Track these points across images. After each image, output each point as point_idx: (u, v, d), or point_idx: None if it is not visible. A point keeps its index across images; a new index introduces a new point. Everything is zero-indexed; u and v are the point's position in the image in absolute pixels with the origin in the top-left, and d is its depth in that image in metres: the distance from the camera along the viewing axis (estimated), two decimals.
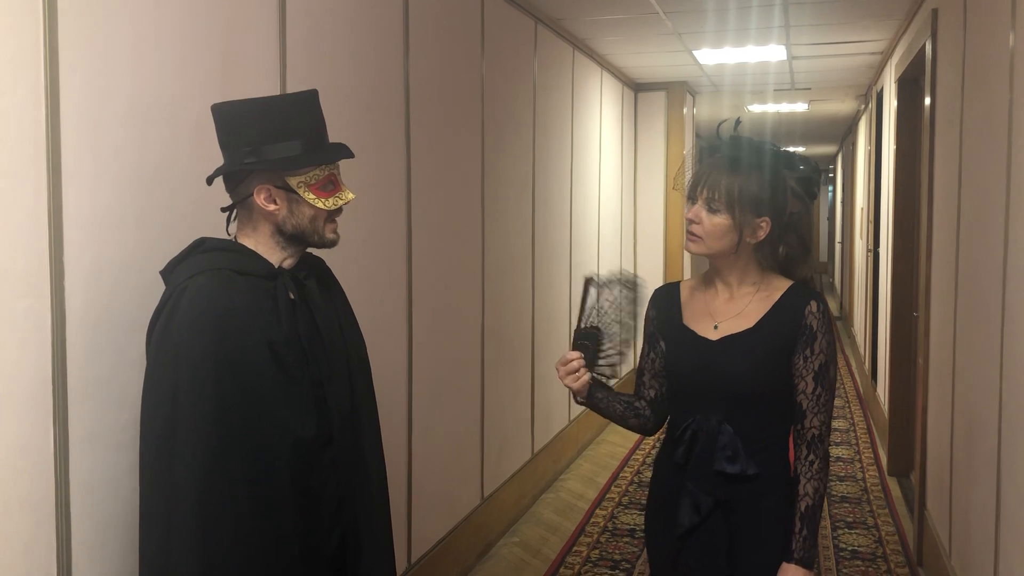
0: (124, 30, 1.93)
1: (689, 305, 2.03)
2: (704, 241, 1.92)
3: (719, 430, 1.90)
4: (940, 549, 3.62)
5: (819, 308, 1.91)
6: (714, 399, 1.92)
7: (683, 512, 1.93)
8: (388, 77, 3.18)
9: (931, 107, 4.03)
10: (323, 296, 1.88)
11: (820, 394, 1.90)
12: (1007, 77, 2.64)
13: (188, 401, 1.63)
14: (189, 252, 1.77)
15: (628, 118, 7.20)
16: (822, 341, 1.90)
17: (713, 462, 1.90)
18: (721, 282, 1.99)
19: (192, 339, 1.64)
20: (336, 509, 1.82)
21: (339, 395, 1.83)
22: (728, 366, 1.91)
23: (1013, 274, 2.55)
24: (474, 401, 4.07)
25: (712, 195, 1.90)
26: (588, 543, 4.29)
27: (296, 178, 1.76)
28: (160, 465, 1.64)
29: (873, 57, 6.29)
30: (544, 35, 4.98)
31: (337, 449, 1.81)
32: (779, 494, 1.92)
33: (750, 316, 1.94)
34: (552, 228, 5.22)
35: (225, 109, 1.79)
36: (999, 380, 2.67)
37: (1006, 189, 2.63)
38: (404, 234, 3.31)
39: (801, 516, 1.88)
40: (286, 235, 1.80)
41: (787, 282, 1.97)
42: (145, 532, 1.67)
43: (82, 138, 1.82)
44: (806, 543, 1.87)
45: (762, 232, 1.92)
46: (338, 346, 1.86)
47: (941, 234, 3.78)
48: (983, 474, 2.89)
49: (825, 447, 1.91)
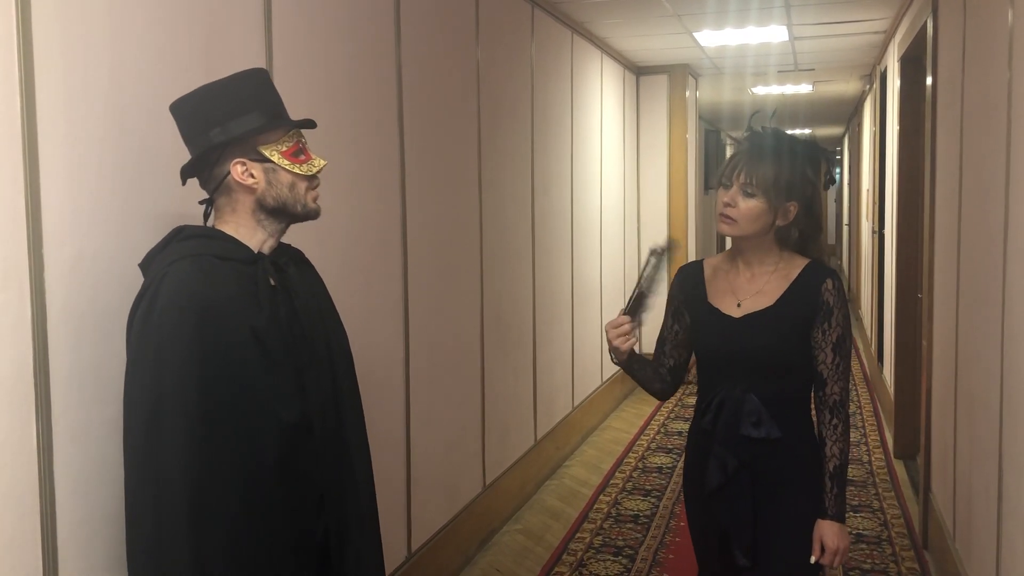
0: (102, 18, 1.90)
1: (713, 283, 2.18)
2: (738, 223, 2.07)
3: (744, 399, 2.07)
4: (945, 532, 3.59)
5: (835, 285, 2.07)
6: (739, 371, 2.09)
7: (711, 472, 2.11)
8: (379, 62, 3.14)
9: (932, 86, 3.98)
10: (302, 282, 1.87)
11: (839, 363, 2.06)
12: (1006, 55, 2.60)
13: (172, 388, 1.61)
14: (168, 241, 1.75)
15: (630, 102, 7.15)
16: (838, 315, 2.05)
17: (739, 427, 2.07)
18: (743, 262, 2.15)
19: (174, 325, 1.62)
20: (321, 498, 1.80)
21: (319, 382, 1.81)
22: (751, 341, 2.07)
23: (1013, 255, 2.52)
24: (474, 388, 4.05)
25: (749, 180, 2.05)
26: (591, 529, 4.28)
27: (268, 147, 1.76)
28: (147, 455, 1.62)
29: (876, 36, 6.22)
30: (541, 18, 4.93)
31: (318, 437, 1.79)
32: (798, 453, 2.09)
33: (770, 294, 2.10)
34: (552, 214, 5.18)
35: (182, 102, 1.79)
36: (1000, 362, 2.64)
37: (1006, 168, 2.59)
38: (399, 220, 3.29)
39: (831, 475, 2.05)
40: (267, 209, 1.78)
41: (804, 261, 2.11)
42: (133, 523, 1.65)
43: (59, 129, 1.79)
44: (837, 500, 2.05)
45: (791, 215, 2.08)
46: (318, 333, 1.85)
47: (943, 215, 3.74)
48: (985, 456, 2.86)
49: (846, 410, 2.08)
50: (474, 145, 4.00)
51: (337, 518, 1.83)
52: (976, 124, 3.05)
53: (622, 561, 3.91)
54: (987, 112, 2.86)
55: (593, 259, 6.11)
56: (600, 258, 6.28)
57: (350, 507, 1.86)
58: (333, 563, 1.83)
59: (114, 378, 1.91)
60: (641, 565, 3.86)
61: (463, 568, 3.83)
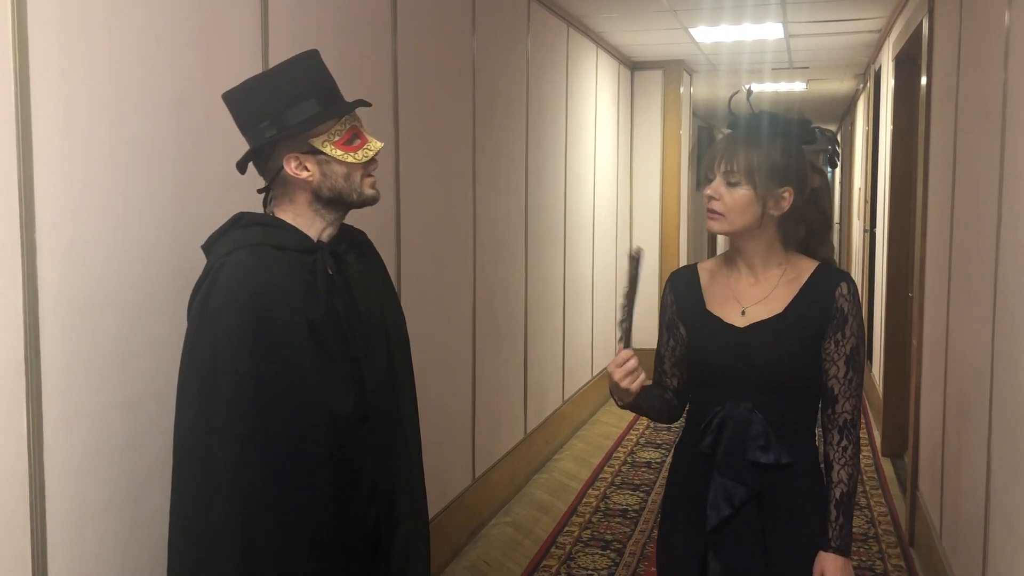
0: (99, 3, 1.88)
1: (711, 289, 1.93)
2: (726, 218, 1.82)
3: (750, 419, 1.83)
4: (931, 530, 3.61)
5: (850, 290, 1.84)
6: (743, 387, 1.84)
7: (715, 505, 1.84)
8: (375, 54, 3.14)
9: (927, 86, 3.99)
10: (362, 271, 1.85)
11: (852, 378, 1.83)
12: (1002, 56, 2.60)
13: (226, 378, 1.62)
14: (229, 227, 1.75)
15: (624, 97, 7.15)
16: (853, 324, 1.83)
17: (745, 452, 1.82)
18: (745, 264, 1.90)
19: (230, 316, 1.62)
20: (372, 487, 1.80)
21: (376, 372, 1.80)
22: (758, 354, 1.83)
23: (1005, 255, 2.53)
24: (465, 380, 4.05)
25: (730, 168, 1.80)
26: (580, 523, 4.29)
27: (319, 138, 1.73)
28: (197, 441, 1.62)
29: (871, 35, 6.23)
30: (537, 12, 4.93)
31: (374, 427, 1.79)
32: (811, 481, 1.86)
33: (778, 301, 1.85)
34: (546, 207, 5.18)
35: (234, 93, 1.76)
36: (990, 361, 2.65)
37: (999, 169, 2.60)
38: (392, 211, 3.28)
39: (836, 503, 1.82)
40: (324, 200, 1.76)
41: (813, 263, 1.89)
42: (178, 511, 1.65)
43: (54, 114, 1.78)
44: (843, 531, 1.81)
45: (785, 203, 1.83)
46: (376, 322, 1.83)
47: (935, 214, 3.76)
48: (973, 456, 2.87)
49: (857, 432, 1.85)
50: (469, 137, 4.00)
51: (388, 508, 1.82)
52: (970, 125, 3.06)
53: (610, 555, 3.92)
54: (982, 113, 2.87)
55: (585, 254, 6.11)
56: (592, 253, 6.29)
57: (402, 498, 1.85)
58: (382, 553, 1.82)
59: (109, 366, 1.90)
60: (629, 559, 3.88)
61: (452, 560, 3.84)
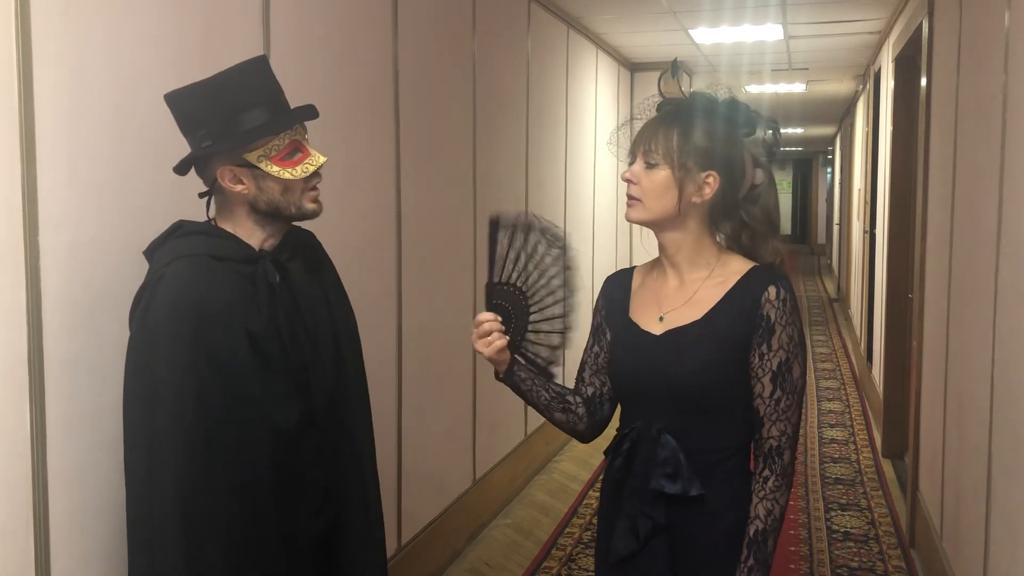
0: (101, 4, 1.89)
1: (638, 294, 1.76)
2: (643, 203, 1.64)
3: (659, 441, 1.63)
4: (932, 531, 3.61)
5: (779, 295, 1.60)
6: (657, 403, 1.65)
7: (619, 536, 1.67)
8: (376, 55, 3.14)
9: (927, 87, 3.99)
10: (308, 277, 1.82)
11: (779, 398, 1.60)
12: (1002, 57, 2.61)
13: (166, 393, 1.60)
14: (167, 236, 1.73)
15: (624, 98, 7.15)
16: (782, 335, 1.59)
17: (649, 479, 1.63)
18: (670, 265, 1.70)
19: (169, 331, 1.60)
20: (321, 493, 1.79)
21: (323, 382, 1.79)
22: (671, 365, 1.63)
23: (1005, 256, 2.53)
24: (466, 382, 4.05)
25: (648, 147, 1.63)
26: (581, 524, 4.29)
27: (255, 152, 1.68)
28: (142, 460, 1.62)
29: (871, 36, 6.24)
30: (538, 13, 4.93)
31: (321, 437, 1.78)
32: (737, 516, 1.63)
33: (700, 305, 1.65)
34: (546, 208, 5.18)
35: (176, 96, 1.73)
36: (991, 362, 2.65)
37: (1000, 170, 2.60)
38: (394, 213, 3.28)
39: (748, 542, 1.60)
40: (261, 212, 1.73)
41: (747, 265, 1.66)
42: (131, 525, 1.65)
43: (57, 115, 1.78)
44: (752, 573, 1.59)
45: (708, 189, 1.63)
46: (324, 329, 1.81)
47: (936, 215, 3.76)
48: (974, 457, 2.87)
49: (784, 461, 1.61)
50: (469, 138, 4.00)
51: (339, 514, 1.82)
52: (971, 125, 3.07)
53: None
54: (982, 114, 2.88)
55: (586, 253, 6.11)
56: (592, 253, 6.29)
57: (354, 502, 1.84)
58: (333, 560, 1.82)
59: (110, 367, 1.90)
60: None
61: (452, 562, 3.84)
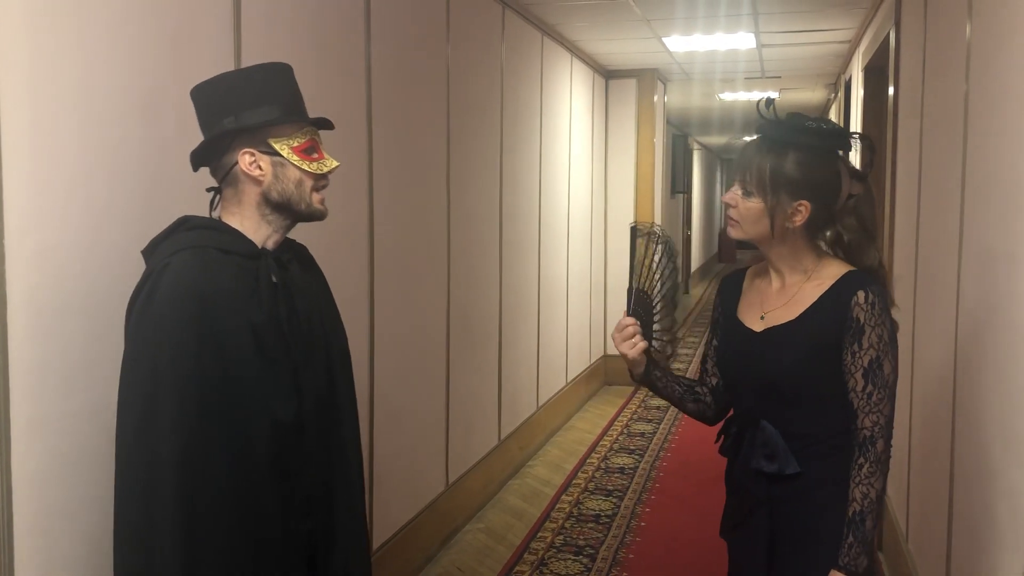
0: (69, 8, 1.89)
1: (746, 294, 1.97)
2: (740, 225, 1.85)
3: (759, 426, 1.84)
4: (898, 533, 3.66)
5: (868, 299, 1.75)
6: (757, 394, 1.86)
7: (728, 508, 1.94)
8: (349, 60, 3.15)
9: (894, 96, 4.05)
10: (304, 280, 1.86)
11: (871, 392, 1.76)
12: (964, 68, 2.66)
13: (169, 380, 1.61)
14: (172, 230, 1.75)
15: (599, 105, 7.20)
16: (871, 335, 1.75)
17: (750, 460, 1.85)
18: (773, 270, 1.90)
19: (173, 317, 1.62)
20: (308, 498, 1.80)
21: (315, 382, 1.81)
22: (766, 360, 1.83)
23: (967, 265, 2.57)
24: (439, 386, 4.06)
25: (745, 177, 1.82)
26: (553, 529, 4.31)
27: (279, 140, 1.75)
28: (138, 446, 1.62)
29: (841, 46, 6.32)
30: (512, 20, 4.96)
31: (311, 437, 1.79)
32: (831, 492, 1.80)
33: (796, 306, 1.83)
34: (520, 214, 5.21)
35: (202, 87, 1.78)
36: (952, 369, 2.70)
37: (961, 178, 2.65)
38: (366, 217, 3.29)
39: (848, 522, 1.76)
40: (272, 203, 1.77)
41: (843, 269, 1.83)
42: (121, 513, 1.65)
43: (23, 120, 1.78)
44: (851, 550, 1.76)
45: (800, 217, 1.80)
46: (317, 332, 1.84)
47: (902, 223, 3.81)
48: (937, 461, 2.92)
49: (878, 450, 1.77)
50: (443, 144, 4.01)
51: (325, 519, 1.82)
52: (935, 134, 3.12)
53: (583, 560, 3.94)
54: (945, 123, 2.92)
55: (560, 260, 6.14)
56: (567, 259, 6.32)
57: (340, 508, 1.85)
58: (319, 564, 1.82)
59: (77, 371, 1.90)
60: (601, 564, 3.90)
61: (425, 566, 3.84)
